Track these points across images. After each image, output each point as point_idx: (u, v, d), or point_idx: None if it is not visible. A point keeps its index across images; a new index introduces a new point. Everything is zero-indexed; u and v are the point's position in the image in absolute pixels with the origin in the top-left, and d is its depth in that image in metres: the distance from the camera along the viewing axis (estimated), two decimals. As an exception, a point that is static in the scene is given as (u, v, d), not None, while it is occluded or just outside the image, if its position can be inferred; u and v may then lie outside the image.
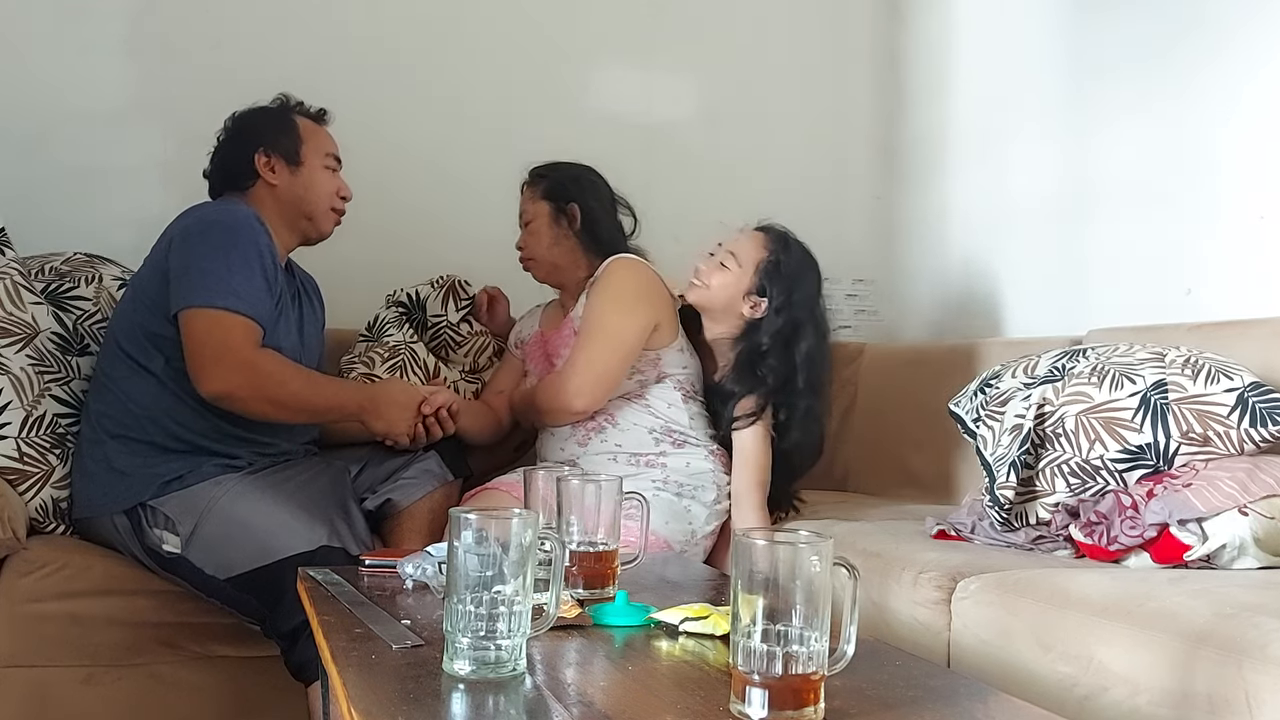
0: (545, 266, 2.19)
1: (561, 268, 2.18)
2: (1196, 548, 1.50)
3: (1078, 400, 1.68)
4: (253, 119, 2.00)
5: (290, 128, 1.99)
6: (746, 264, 2.07)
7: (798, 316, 2.04)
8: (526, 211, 2.19)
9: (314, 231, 2.02)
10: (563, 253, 2.16)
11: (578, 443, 2.07)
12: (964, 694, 0.99)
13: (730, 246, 2.10)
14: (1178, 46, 2.21)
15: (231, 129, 2.01)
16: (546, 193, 2.17)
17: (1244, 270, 2.07)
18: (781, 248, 2.08)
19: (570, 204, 2.15)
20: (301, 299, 2.05)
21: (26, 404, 1.86)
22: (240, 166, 1.96)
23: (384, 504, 1.97)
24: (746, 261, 2.07)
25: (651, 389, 2.08)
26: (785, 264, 2.06)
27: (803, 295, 2.06)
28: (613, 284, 2.06)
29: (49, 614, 1.76)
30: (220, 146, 2.01)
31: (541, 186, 2.18)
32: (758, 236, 2.10)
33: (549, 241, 2.16)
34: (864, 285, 3.11)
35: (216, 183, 2.01)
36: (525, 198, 2.20)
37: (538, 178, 2.20)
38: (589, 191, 2.18)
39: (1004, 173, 2.73)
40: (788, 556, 0.85)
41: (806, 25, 3.09)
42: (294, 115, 2.01)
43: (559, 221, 2.15)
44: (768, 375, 2.03)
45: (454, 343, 2.38)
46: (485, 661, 0.95)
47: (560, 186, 2.17)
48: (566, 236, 2.15)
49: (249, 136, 1.97)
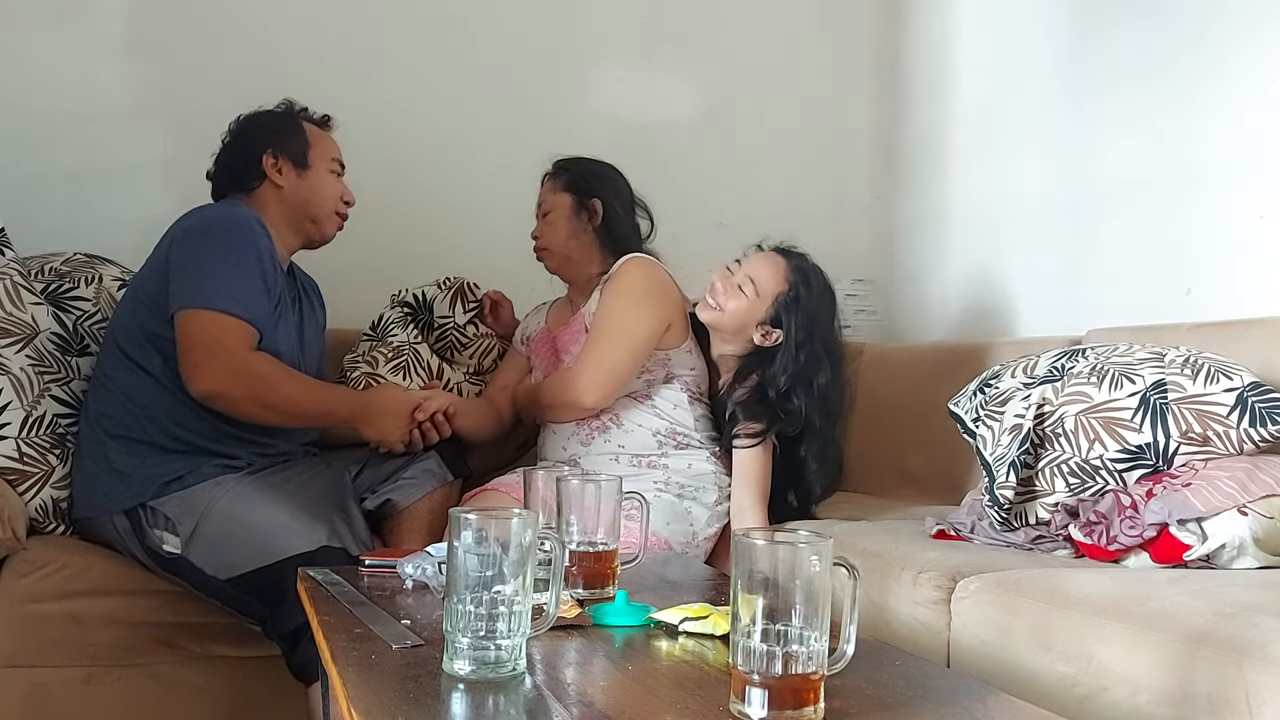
0: (558, 258, 2.18)
1: (575, 261, 2.17)
2: (1196, 547, 1.50)
3: (1077, 400, 1.68)
4: (260, 121, 2.00)
5: (298, 131, 2.00)
6: (765, 294, 2.03)
7: (816, 352, 2.01)
8: (546, 202, 2.18)
9: (317, 234, 2.03)
10: (578, 246, 2.16)
11: (580, 442, 2.07)
12: (964, 694, 0.99)
13: (750, 270, 2.05)
14: (1177, 46, 2.21)
15: (238, 131, 2.01)
16: (569, 185, 2.17)
17: (1244, 270, 2.07)
18: (802, 280, 2.03)
19: (593, 199, 2.15)
20: (302, 301, 2.05)
21: (26, 404, 1.86)
22: (247, 167, 1.96)
23: (384, 504, 1.97)
24: (765, 291, 2.03)
25: (659, 389, 2.08)
26: (805, 300, 2.02)
27: (821, 330, 2.03)
28: (626, 282, 2.06)
29: (49, 614, 1.76)
30: (226, 148, 2.01)
31: (565, 178, 2.18)
32: (779, 265, 2.05)
33: (566, 234, 2.15)
34: (864, 285, 3.11)
35: (221, 184, 2.01)
36: (546, 188, 2.20)
37: (561, 170, 2.19)
38: (611, 189, 2.18)
39: (1004, 173, 2.73)
40: (788, 556, 0.85)
41: (806, 25, 3.09)
42: (300, 120, 2.02)
43: (579, 215, 2.15)
44: (784, 412, 2.00)
45: (460, 344, 2.38)
46: (485, 661, 0.95)
47: (584, 181, 2.17)
48: (584, 231, 2.15)
49: (257, 138, 1.98)
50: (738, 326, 2.06)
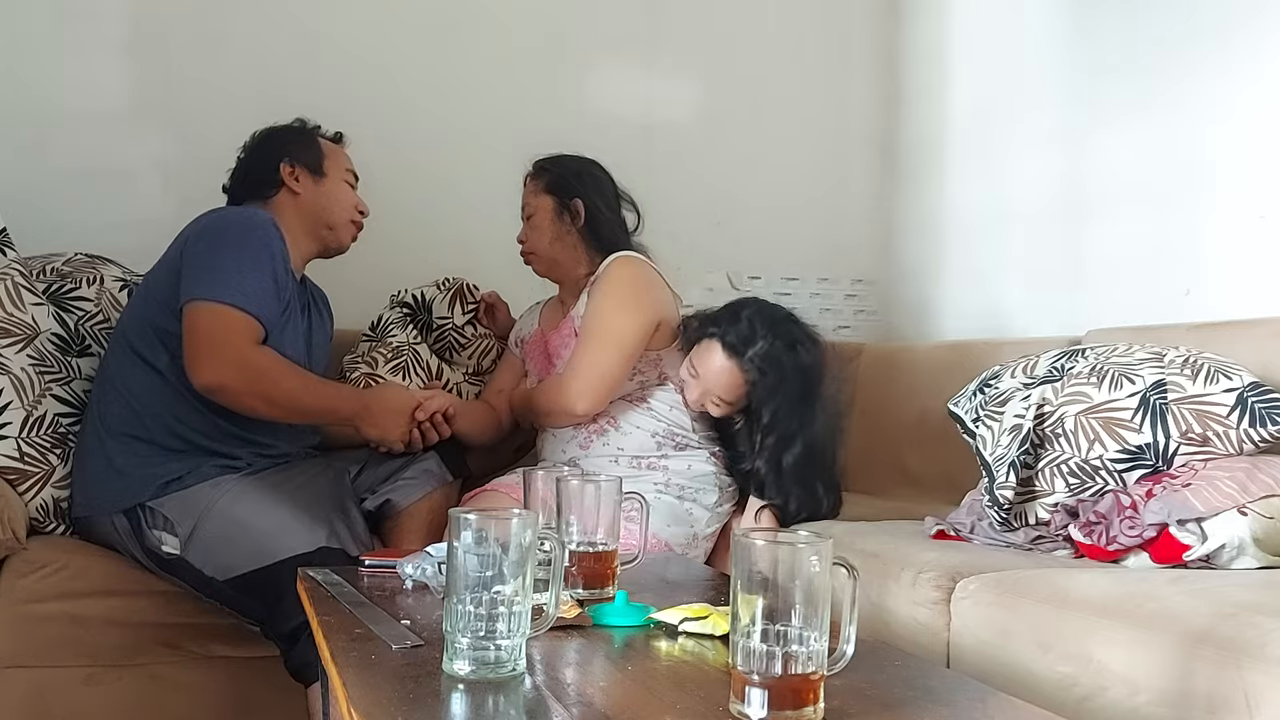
0: (545, 261, 2.16)
1: (562, 264, 2.16)
2: (1196, 548, 1.50)
3: (1077, 400, 1.68)
4: (277, 133, 2.05)
5: (313, 143, 2.05)
6: (733, 399, 1.98)
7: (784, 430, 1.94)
8: (529, 205, 2.16)
9: (334, 241, 2.05)
10: (564, 249, 2.14)
11: (579, 445, 2.07)
12: (963, 694, 0.99)
13: (709, 384, 1.97)
14: (1176, 46, 2.22)
15: (255, 144, 2.05)
16: (550, 186, 2.14)
17: (1243, 270, 2.07)
18: (758, 374, 1.94)
19: (574, 200, 2.12)
20: (311, 311, 2.06)
21: (27, 404, 1.86)
22: (265, 175, 2.00)
23: (383, 504, 1.97)
24: (732, 398, 1.98)
25: (653, 391, 2.07)
26: (766, 386, 1.94)
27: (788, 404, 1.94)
28: (613, 283, 2.04)
29: (49, 614, 1.76)
30: (243, 161, 2.05)
31: (545, 180, 2.15)
32: (731, 372, 1.95)
33: (550, 237, 2.13)
34: (864, 285, 3.11)
35: (238, 193, 2.04)
36: (528, 190, 2.17)
37: (541, 170, 2.17)
38: (593, 187, 2.15)
39: (1003, 173, 2.73)
40: (787, 556, 0.85)
41: (806, 25, 3.09)
42: (315, 134, 2.07)
43: (562, 217, 2.13)
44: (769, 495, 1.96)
45: (459, 345, 2.38)
46: (485, 662, 0.95)
47: (564, 181, 2.14)
48: (569, 233, 2.13)
49: (274, 148, 2.02)
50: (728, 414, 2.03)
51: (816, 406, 1.98)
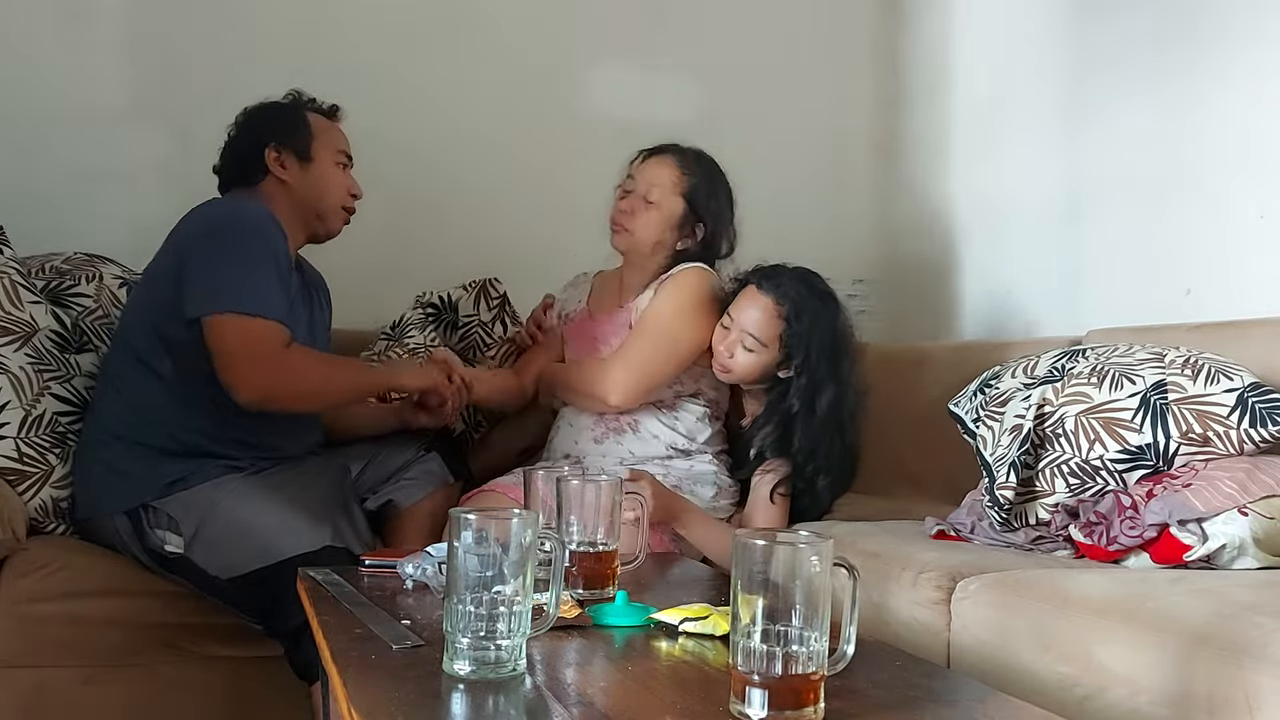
0: (635, 246, 2.08)
1: (646, 258, 2.09)
2: (1196, 548, 1.50)
3: (1077, 400, 1.68)
4: (263, 114, 1.97)
5: (301, 123, 1.96)
6: (768, 339, 1.96)
7: (817, 376, 1.95)
8: (656, 190, 2.05)
9: (323, 230, 2.00)
10: (660, 248, 2.08)
11: (594, 439, 2.05)
12: (963, 694, 0.99)
13: (742, 323, 1.97)
14: (1176, 46, 2.21)
15: (242, 124, 1.98)
16: (690, 193, 2.06)
17: (1244, 270, 2.07)
18: (793, 312, 1.95)
19: (702, 222, 2.06)
20: (311, 299, 2.04)
21: (26, 403, 1.85)
22: (251, 161, 1.93)
23: (385, 504, 1.97)
24: (767, 337, 1.96)
25: (684, 403, 2.07)
26: (801, 328, 1.95)
27: (819, 349, 1.95)
28: (684, 290, 2.02)
29: (49, 614, 1.76)
30: (230, 141, 1.98)
31: (689, 184, 2.06)
32: (767, 307, 1.97)
33: (657, 236, 2.06)
34: (864, 285, 3.11)
35: (227, 178, 1.98)
36: (664, 174, 2.06)
37: (688, 169, 2.07)
38: (720, 219, 2.08)
39: (1003, 173, 2.73)
40: (787, 557, 0.85)
41: (806, 25, 3.09)
42: (306, 111, 1.98)
43: (681, 227, 2.06)
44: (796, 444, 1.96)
45: (483, 343, 2.38)
46: (485, 662, 0.95)
47: (704, 200, 2.06)
48: (676, 241, 2.08)
49: (259, 131, 1.95)
50: (758, 377, 2.02)
51: (845, 365, 2.00)
